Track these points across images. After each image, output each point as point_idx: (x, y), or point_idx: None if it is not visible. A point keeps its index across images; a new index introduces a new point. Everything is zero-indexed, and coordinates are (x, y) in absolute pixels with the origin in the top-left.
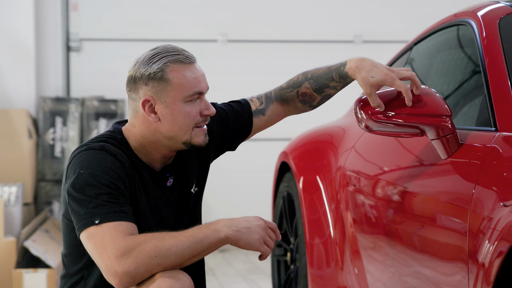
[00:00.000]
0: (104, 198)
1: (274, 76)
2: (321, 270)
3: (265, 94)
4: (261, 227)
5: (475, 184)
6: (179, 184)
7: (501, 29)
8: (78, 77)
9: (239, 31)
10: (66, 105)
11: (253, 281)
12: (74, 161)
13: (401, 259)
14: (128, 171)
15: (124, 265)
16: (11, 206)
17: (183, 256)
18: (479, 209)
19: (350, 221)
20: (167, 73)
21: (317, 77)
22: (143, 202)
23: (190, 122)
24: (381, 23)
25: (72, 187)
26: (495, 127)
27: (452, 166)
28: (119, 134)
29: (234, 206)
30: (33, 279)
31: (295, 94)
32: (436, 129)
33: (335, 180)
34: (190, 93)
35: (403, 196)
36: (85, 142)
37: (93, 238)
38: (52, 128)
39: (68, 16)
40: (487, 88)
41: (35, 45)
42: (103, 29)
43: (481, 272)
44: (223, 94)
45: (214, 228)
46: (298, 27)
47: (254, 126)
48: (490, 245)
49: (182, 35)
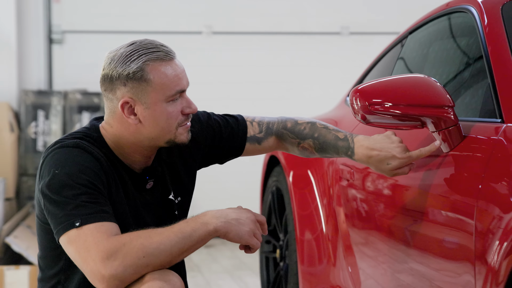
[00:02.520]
0: (82, 199)
1: (259, 69)
2: (312, 267)
3: (267, 124)
4: (250, 219)
5: (482, 179)
6: (160, 187)
7: (504, 16)
8: (60, 70)
9: (224, 23)
10: (48, 98)
11: (240, 277)
12: (48, 159)
13: (395, 256)
14: (105, 169)
15: (111, 268)
16: None
17: (172, 253)
18: (486, 206)
19: (343, 217)
20: (147, 72)
21: (323, 142)
22: (122, 200)
23: (172, 122)
24: (368, 14)
25: (47, 188)
26: (501, 118)
27: (455, 160)
28: (95, 132)
29: (221, 202)
30: (15, 276)
31: (296, 143)
32: (437, 120)
33: (327, 175)
34: (172, 93)
35: (399, 191)
36: (58, 139)
37: (74, 242)
38: (34, 121)
39: (50, 8)
40: (491, 77)
41: (17, 37)
42: (86, 21)
43: (490, 273)
44: (208, 87)
45: (202, 221)
46: (284, 19)
47: (246, 151)
48: (500, 244)
49: (166, 27)
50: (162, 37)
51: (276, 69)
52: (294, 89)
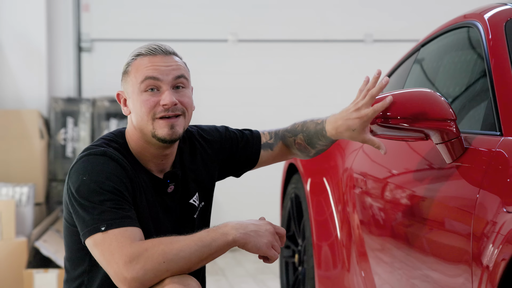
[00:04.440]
0: (108, 205)
1: (284, 76)
2: (328, 272)
3: (275, 131)
4: (269, 232)
5: (479, 188)
6: (180, 192)
7: (507, 32)
8: (89, 78)
9: (249, 31)
10: (77, 106)
11: (263, 281)
12: (77, 166)
13: (408, 262)
14: (130, 176)
15: (133, 271)
16: (22, 206)
17: (191, 260)
18: (482, 214)
19: (357, 223)
20: (130, 66)
21: (308, 132)
22: (144, 206)
23: (146, 111)
24: (392, 22)
25: (76, 193)
26: (500, 132)
27: (456, 170)
28: (121, 138)
29: (246, 206)
30: (44, 279)
31: (292, 141)
32: (440, 133)
33: (341, 182)
34: (142, 78)
35: (408, 199)
36: (87, 147)
37: (100, 245)
38: (64, 128)
39: (79, 17)
40: (492, 91)
41: (47, 46)
42: (114, 29)
43: (485, 275)
44: (234, 94)
45: (222, 231)
46: (308, 27)
47: (261, 159)
48: (494, 248)
49: (193, 35)
50: (189, 45)
51: (300, 76)
52: (317, 96)
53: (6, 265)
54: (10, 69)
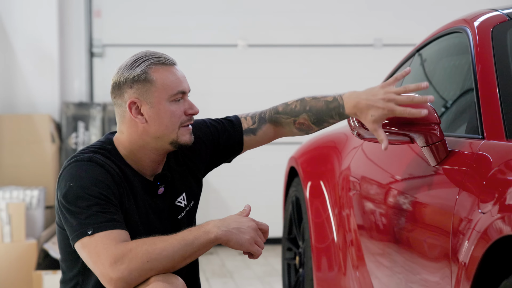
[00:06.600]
0: (95, 209)
1: (294, 81)
2: (325, 274)
3: (259, 114)
4: (251, 228)
5: (459, 190)
6: (170, 193)
7: (494, 38)
8: (101, 82)
9: (260, 36)
10: (88, 110)
11: (269, 283)
12: (65, 173)
13: (403, 264)
14: (117, 181)
15: (118, 271)
16: (33, 209)
17: (175, 259)
18: (461, 214)
19: (353, 226)
20: (150, 74)
21: (316, 111)
22: (133, 210)
23: (175, 121)
24: (402, 27)
25: (64, 199)
26: (482, 135)
27: (439, 173)
28: (109, 144)
29: (256, 210)
30: (52, 280)
31: (291, 122)
32: (425, 136)
33: (338, 185)
34: (174, 92)
35: (396, 201)
36: (75, 154)
37: (87, 248)
38: (75, 132)
39: (91, 23)
40: (476, 95)
41: (59, 51)
42: (126, 35)
43: (462, 272)
44: (244, 99)
45: (204, 230)
46: (318, 31)
47: (245, 144)
48: (470, 245)
49: (203, 40)
50: (199, 50)
51: (310, 80)
52: None
53: (16, 267)
54: (23, 74)
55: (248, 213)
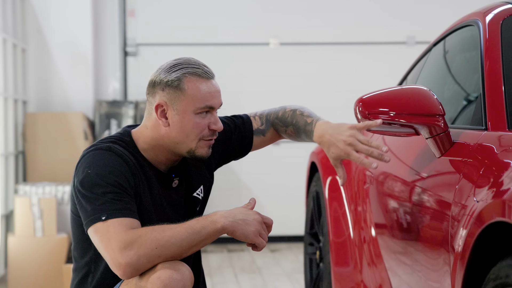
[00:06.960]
0: (110, 196)
1: (326, 79)
2: (342, 268)
3: (266, 116)
4: (257, 221)
5: (458, 180)
6: (184, 186)
7: (503, 30)
8: (134, 81)
9: (291, 34)
10: (120, 108)
11: (297, 280)
12: (83, 160)
13: (427, 263)
14: (133, 171)
15: (127, 257)
16: (64, 205)
17: (182, 246)
18: (459, 202)
19: (368, 221)
20: (184, 83)
21: (297, 128)
22: (147, 200)
23: (197, 132)
24: (434, 24)
25: (80, 185)
26: (485, 126)
27: (444, 163)
28: (127, 137)
29: (285, 208)
30: None
31: (284, 130)
32: (429, 128)
33: (354, 180)
34: (202, 106)
35: (407, 192)
36: (94, 143)
37: (99, 232)
38: (108, 130)
39: (125, 22)
40: (482, 87)
41: (93, 50)
42: (159, 34)
43: (458, 257)
44: (276, 97)
45: (212, 219)
46: (349, 29)
47: (253, 144)
48: (464, 230)
49: (235, 39)
50: (231, 49)
51: (342, 78)
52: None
53: (47, 260)
54: (58, 73)
55: (253, 206)
